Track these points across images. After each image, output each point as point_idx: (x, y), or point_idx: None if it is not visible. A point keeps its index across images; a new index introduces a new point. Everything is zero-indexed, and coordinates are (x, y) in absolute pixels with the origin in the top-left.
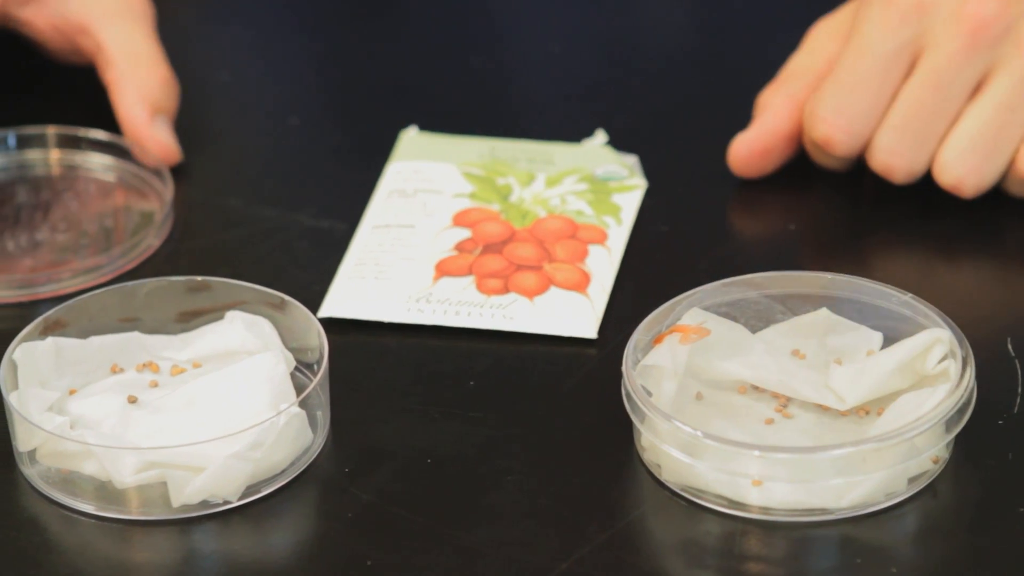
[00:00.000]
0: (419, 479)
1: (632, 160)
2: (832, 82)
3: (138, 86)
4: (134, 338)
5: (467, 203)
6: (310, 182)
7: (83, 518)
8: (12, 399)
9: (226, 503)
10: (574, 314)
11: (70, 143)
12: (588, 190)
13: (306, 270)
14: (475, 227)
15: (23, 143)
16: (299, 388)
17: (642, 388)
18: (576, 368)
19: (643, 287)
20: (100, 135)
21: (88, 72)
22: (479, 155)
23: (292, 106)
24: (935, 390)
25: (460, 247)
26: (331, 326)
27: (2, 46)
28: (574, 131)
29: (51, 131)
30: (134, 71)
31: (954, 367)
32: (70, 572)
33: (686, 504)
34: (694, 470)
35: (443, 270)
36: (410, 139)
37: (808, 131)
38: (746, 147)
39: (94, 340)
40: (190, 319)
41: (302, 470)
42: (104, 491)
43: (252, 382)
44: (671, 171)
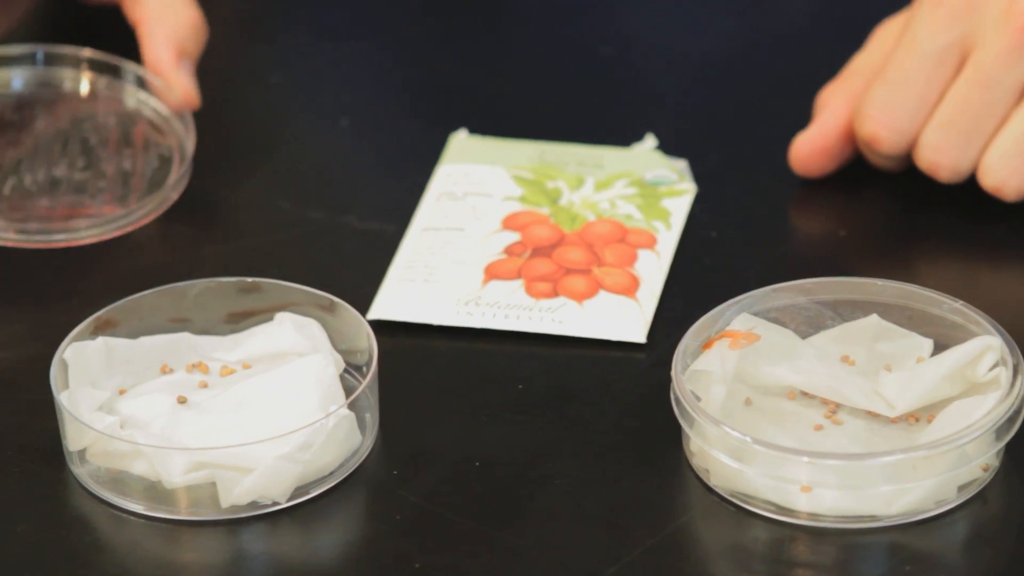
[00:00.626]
0: (467, 482)
1: (682, 164)
2: (881, 80)
3: (167, 27)
4: (184, 339)
5: (516, 206)
6: (360, 184)
7: (132, 518)
8: (63, 398)
9: (275, 504)
10: (623, 318)
11: (99, 68)
12: (638, 194)
13: (355, 272)
14: (524, 230)
15: (52, 61)
16: (348, 390)
17: (691, 393)
18: (625, 372)
19: (692, 292)
20: (131, 66)
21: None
22: (528, 158)
23: (343, 108)
24: (985, 398)
25: (509, 250)
26: (380, 328)
27: None
28: (624, 135)
29: (85, 54)
30: (163, 11)
31: (1005, 375)
32: (119, 572)
33: (734, 509)
34: (743, 475)
35: (492, 273)
36: (460, 142)
37: (857, 128)
38: (807, 146)
39: (144, 340)
40: (240, 320)
41: (350, 472)
42: (153, 491)
43: (302, 384)
44: (720, 176)
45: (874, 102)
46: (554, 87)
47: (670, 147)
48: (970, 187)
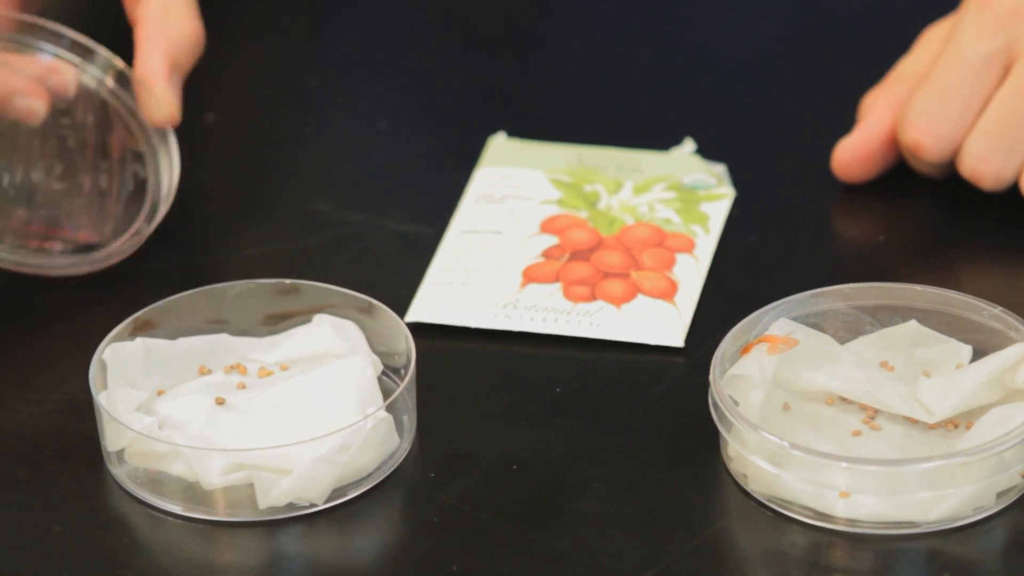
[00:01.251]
0: (504, 485)
1: (720, 169)
2: (924, 87)
3: (165, 35)
4: (222, 340)
5: (555, 210)
6: (397, 186)
7: (170, 518)
8: (101, 399)
9: (312, 506)
10: (661, 322)
11: (81, 53)
12: (676, 198)
13: (393, 275)
14: (562, 234)
15: (29, 34)
16: (386, 392)
17: (729, 398)
18: (662, 376)
19: (730, 297)
20: (119, 64)
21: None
22: (567, 162)
23: (380, 110)
24: None
25: (547, 254)
26: (417, 331)
27: None
28: (662, 139)
29: (66, 32)
30: (165, 17)
31: None
32: (156, 572)
33: (772, 515)
34: (781, 481)
35: (530, 276)
36: (498, 145)
37: (900, 136)
38: (850, 152)
39: (182, 341)
40: (278, 322)
41: (388, 474)
42: (191, 492)
43: (340, 386)
44: (760, 180)
45: (918, 110)
46: (593, 90)
47: (709, 151)
48: (1010, 193)
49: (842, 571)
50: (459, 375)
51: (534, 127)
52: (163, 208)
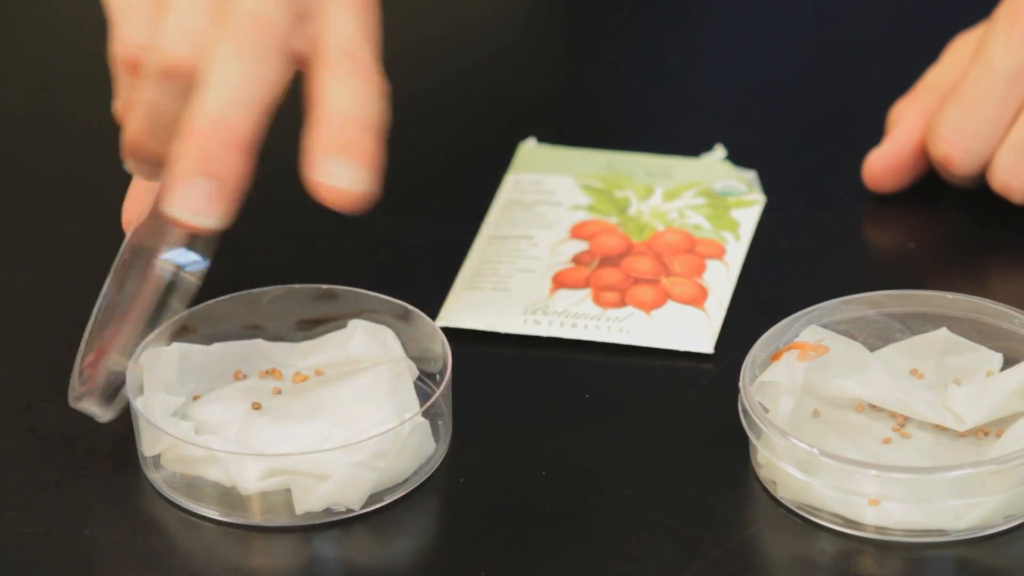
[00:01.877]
0: (534, 491)
1: (751, 175)
2: (954, 100)
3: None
4: (257, 345)
5: (585, 215)
6: (428, 192)
7: (206, 523)
8: (138, 404)
9: (349, 511)
10: (691, 329)
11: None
12: (706, 204)
13: (423, 280)
14: (592, 239)
15: None
16: (422, 398)
17: (759, 404)
18: (692, 383)
19: (760, 303)
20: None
21: None
22: (597, 168)
23: (411, 115)
24: None
25: (577, 259)
26: (446, 336)
27: None
28: (693, 145)
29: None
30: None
31: None
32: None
33: (801, 522)
34: (810, 488)
35: (560, 282)
36: (529, 151)
37: (930, 149)
38: (881, 162)
39: (218, 346)
40: (312, 327)
41: (424, 479)
42: (228, 497)
43: (377, 391)
44: (790, 187)
45: (947, 123)
46: (624, 97)
47: (739, 158)
48: None
49: None
50: (488, 381)
51: (565, 133)
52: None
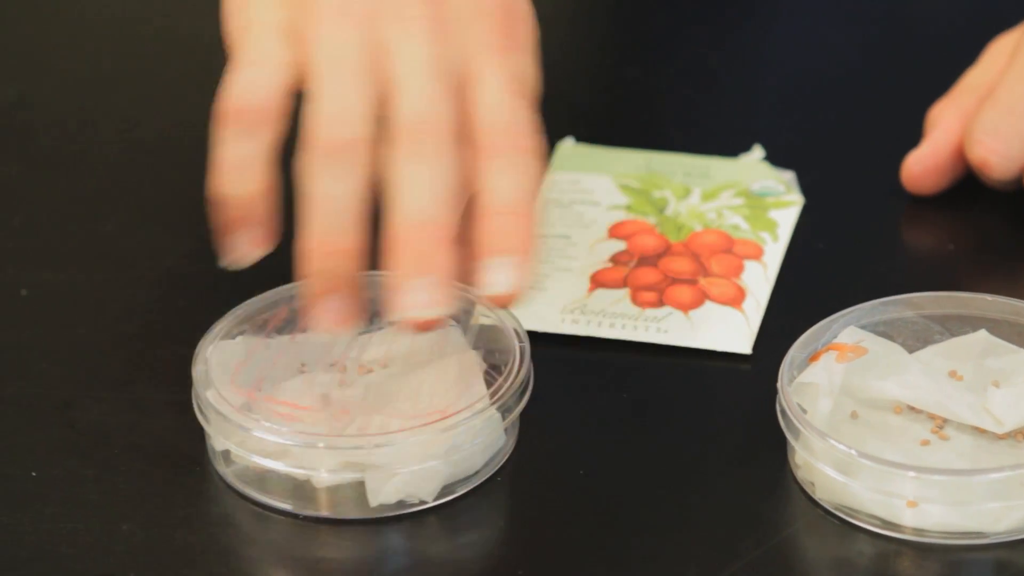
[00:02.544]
0: (571, 491)
1: (789, 176)
2: (991, 103)
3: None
4: (321, 337)
5: (623, 215)
6: None
7: (277, 516)
8: (208, 397)
9: (422, 503)
10: (729, 329)
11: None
12: (744, 205)
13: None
14: (630, 239)
15: None
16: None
17: (797, 405)
18: (729, 383)
19: (798, 304)
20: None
21: None
22: (636, 167)
23: None
24: None
25: (615, 259)
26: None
27: None
28: (731, 146)
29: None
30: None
31: None
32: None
33: (839, 523)
34: (848, 489)
35: (598, 281)
36: (567, 150)
37: (967, 152)
38: (919, 165)
39: (283, 339)
40: (375, 319)
41: (493, 472)
42: (300, 490)
43: (445, 384)
44: (828, 188)
45: (984, 126)
46: (662, 97)
47: (777, 158)
48: None
49: None
50: None
51: (603, 133)
52: None
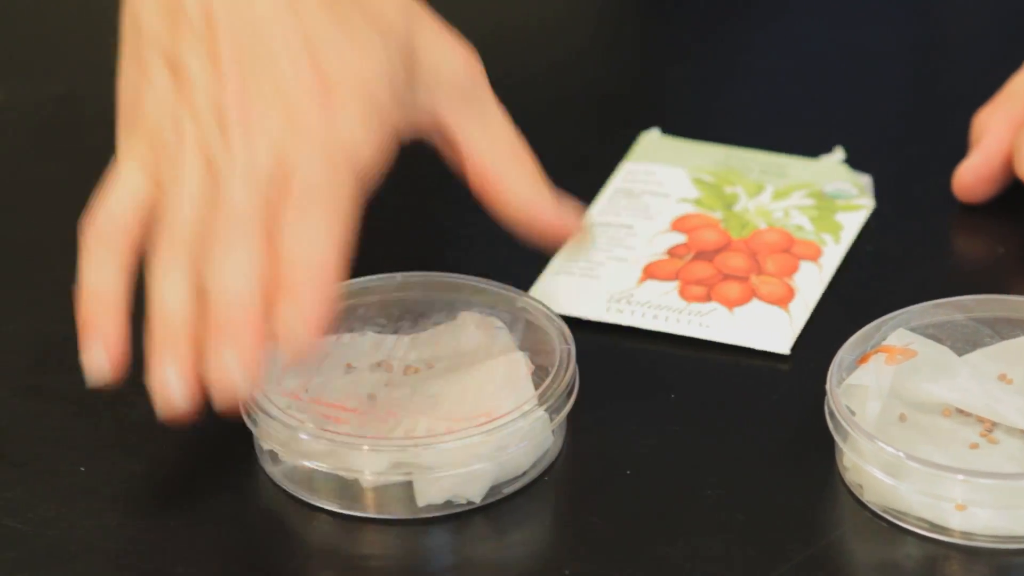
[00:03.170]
0: (617, 490)
1: (865, 180)
2: None
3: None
4: (367, 337)
5: (689, 208)
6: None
7: (325, 515)
8: (256, 396)
9: (469, 503)
10: (770, 328)
11: None
12: (813, 206)
13: (512, 274)
14: (692, 233)
15: None
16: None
17: (846, 408)
18: (773, 383)
19: (846, 306)
20: None
21: None
22: (713, 162)
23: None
24: None
25: (672, 252)
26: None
27: None
28: (813, 146)
29: None
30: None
31: None
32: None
33: (887, 526)
34: (896, 492)
35: (650, 273)
36: (649, 141)
37: (1016, 166)
38: (972, 173)
39: (329, 339)
40: (419, 318)
41: (540, 472)
42: (347, 489)
43: (495, 383)
44: (878, 191)
45: None
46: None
47: (855, 162)
48: None
49: None
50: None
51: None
52: None
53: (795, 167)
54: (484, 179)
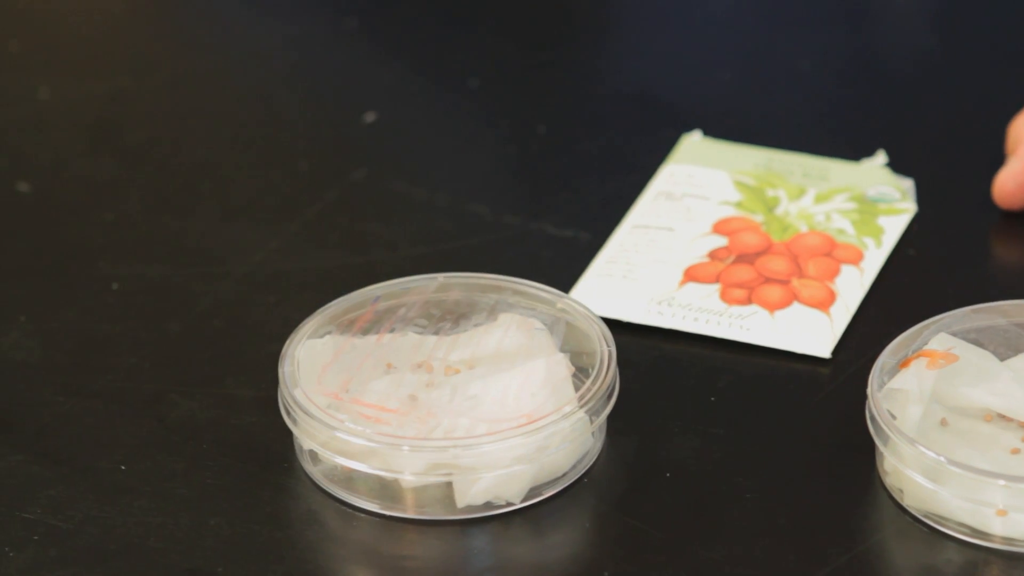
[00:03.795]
0: (658, 492)
1: (908, 183)
2: None
3: None
4: (408, 337)
5: (731, 211)
6: (555, 191)
7: (364, 515)
8: (296, 396)
9: (509, 505)
10: (812, 332)
11: None
12: (855, 210)
13: (548, 279)
14: (733, 236)
15: None
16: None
17: (887, 412)
18: (813, 387)
19: (887, 310)
20: None
21: None
22: (755, 164)
23: (540, 114)
24: None
25: (713, 254)
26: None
27: None
28: (855, 149)
29: None
30: None
31: None
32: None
33: (927, 531)
34: (937, 497)
35: (691, 275)
36: (691, 143)
37: None
38: (1012, 181)
39: (370, 339)
40: (460, 320)
41: (580, 474)
42: (387, 490)
43: (535, 384)
44: (920, 195)
45: None
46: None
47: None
48: None
49: None
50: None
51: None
52: None
53: (837, 170)
54: None
